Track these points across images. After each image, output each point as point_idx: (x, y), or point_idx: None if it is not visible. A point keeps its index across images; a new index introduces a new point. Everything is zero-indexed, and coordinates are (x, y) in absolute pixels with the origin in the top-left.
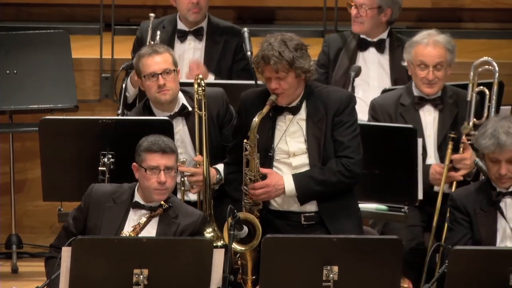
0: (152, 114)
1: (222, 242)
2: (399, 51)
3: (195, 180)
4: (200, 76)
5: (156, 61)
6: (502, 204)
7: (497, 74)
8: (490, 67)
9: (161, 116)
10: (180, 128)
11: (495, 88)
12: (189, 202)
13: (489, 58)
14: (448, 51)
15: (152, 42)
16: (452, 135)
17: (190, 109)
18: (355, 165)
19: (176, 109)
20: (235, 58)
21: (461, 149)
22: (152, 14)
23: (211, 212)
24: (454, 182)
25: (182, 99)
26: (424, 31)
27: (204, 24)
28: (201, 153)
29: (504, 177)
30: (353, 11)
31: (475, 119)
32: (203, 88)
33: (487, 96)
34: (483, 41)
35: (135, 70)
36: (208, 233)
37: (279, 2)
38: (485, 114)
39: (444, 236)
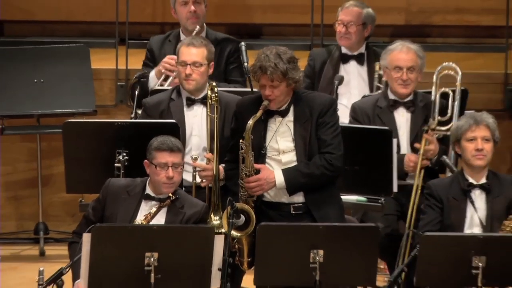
0: (179, 94)
1: (222, 229)
2: (375, 62)
3: (205, 175)
4: (214, 83)
5: (190, 52)
6: (472, 194)
7: (459, 76)
8: (452, 72)
9: (186, 96)
10: (199, 113)
11: (458, 89)
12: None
13: (451, 63)
14: (418, 57)
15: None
16: (424, 128)
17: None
18: (336, 160)
19: (200, 96)
20: (228, 61)
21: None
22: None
23: (219, 203)
24: (422, 171)
25: (208, 90)
26: (397, 42)
27: (202, 35)
28: (211, 151)
29: (480, 153)
30: (342, 29)
31: (439, 117)
32: (216, 94)
33: (451, 96)
34: (450, 54)
35: (177, 48)
36: (216, 220)
37: (271, 19)
38: (449, 113)
39: (413, 223)
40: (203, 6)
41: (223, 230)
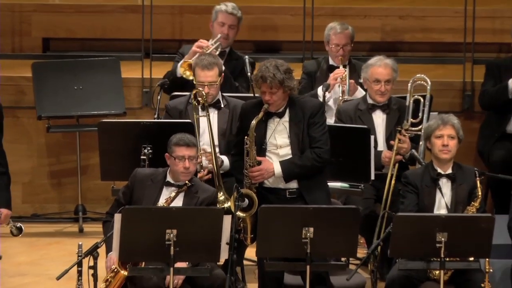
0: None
1: (229, 203)
2: (356, 73)
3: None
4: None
5: (206, 75)
6: (440, 182)
7: (429, 86)
8: (423, 81)
9: (200, 102)
10: (211, 115)
11: (428, 95)
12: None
13: (423, 75)
14: (394, 71)
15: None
16: (398, 129)
17: (222, 105)
18: (324, 153)
19: (212, 102)
20: (240, 73)
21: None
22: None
23: (220, 184)
24: (397, 164)
25: (219, 96)
26: (376, 56)
27: (226, 50)
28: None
29: (446, 148)
30: (340, 51)
31: (412, 119)
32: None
33: (422, 102)
34: (418, 66)
35: (193, 70)
36: (220, 196)
37: (270, 37)
38: (420, 115)
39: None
40: (236, 31)
41: (227, 204)
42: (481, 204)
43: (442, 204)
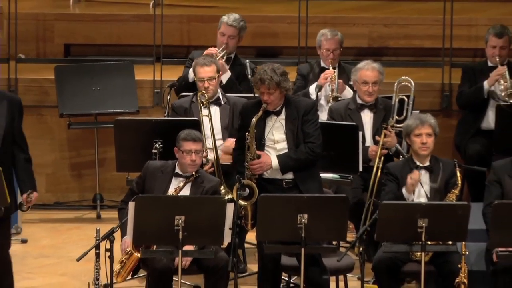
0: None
1: (230, 195)
2: (345, 75)
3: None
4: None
5: (205, 70)
6: (421, 173)
7: (413, 87)
8: (408, 83)
9: (204, 99)
10: (212, 112)
11: (412, 95)
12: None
13: (407, 77)
14: (380, 73)
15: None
16: (384, 126)
17: (222, 102)
18: (317, 148)
19: (213, 99)
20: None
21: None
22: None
23: (221, 177)
24: (382, 157)
25: (219, 93)
26: (364, 61)
27: (232, 56)
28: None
29: (424, 146)
30: (330, 55)
31: (397, 117)
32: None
33: (406, 101)
34: (401, 69)
35: (193, 70)
36: (222, 189)
37: (268, 43)
38: (404, 113)
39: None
40: (236, 40)
41: (228, 197)
42: (460, 196)
43: (421, 193)
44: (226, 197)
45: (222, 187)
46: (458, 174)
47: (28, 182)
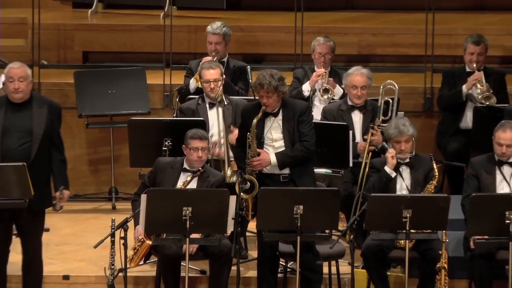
0: (203, 100)
1: (235, 177)
2: (336, 78)
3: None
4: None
5: (210, 73)
6: (400, 169)
7: (397, 90)
8: (392, 86)
9: (209, 100)
10: (214, 111)
11: (396, 98)
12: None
13: (391, 81)
14: (369, 78)
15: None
16: (371, 125)
17: (225, 103)
18: (311, 146)
19: (217, 100)
20: (238, 77)
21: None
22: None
23: (229, 161)
24: (370, 153)
25: (222, 95)
26: (354, 67)
27: (225, 60)
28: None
29: (403, 152)
30: (322, 59)
31: (383, 117)
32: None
33: (391, 103)
34: (388, 74)
35: (199, 74)
36: (228, 171)
37: (269, 51)
38: (389, 114)
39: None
40: (224, 45)
41: (234, 178)
42: (439, 186)
43: (403, 186)
44: (233, 179)
45: (229, 169)
46: (435, 166)
47: (61, 180)
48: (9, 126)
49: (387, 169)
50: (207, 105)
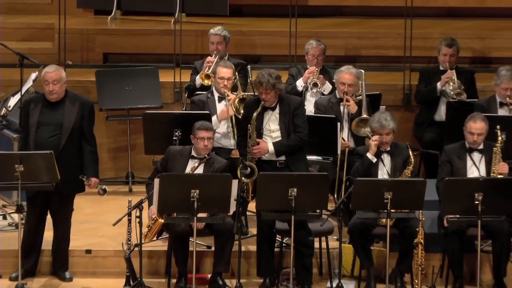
0: (213, 94)
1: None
2: (327, 75)
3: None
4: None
5: (226, 71)
6: (382, 156)
7: (363, 75)
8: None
9: (217, 95)
10: (223, 103)
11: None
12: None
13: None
14: (356, 77)
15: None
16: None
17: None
18: (304, 136)
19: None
20: (238, 74)
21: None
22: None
23: (234, 131)
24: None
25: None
26: (345, 66)
27: (225, 58)
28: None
29: (384, 143)
30: (315, 60)
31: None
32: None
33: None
34: (371, 72)
35: (212, 71)
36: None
37: (266, 52)
38: (360, 91)
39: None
40: (224, 45)
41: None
42: (415, 171)
43: (384, 171)
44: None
45: (233, 140)
46: (410, 153)
47: (90, 169)
48: (43, 120)
49: (368, 155)
50: (216, 99)
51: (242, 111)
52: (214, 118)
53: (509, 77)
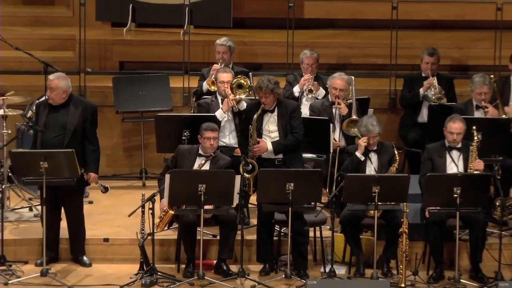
0: (216, 97)
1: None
2: (320, 81)
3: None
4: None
5: (224, 76)
6: (370, 155)
7: (353, 82)
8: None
9: (220, 97)
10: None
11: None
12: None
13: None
14: (347, 83)
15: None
16: (338, 101)
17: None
18: (300, 136)
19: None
20: None
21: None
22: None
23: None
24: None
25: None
26: (338, 72)
27: (230, 66)
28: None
29: (371, 145)
30: (309, 68)
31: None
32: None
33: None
34: (360, 79)
35: (214, 77)
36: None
37: (265, 60)
38: (351, 96)
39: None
40: (229, 54)
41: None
42: (400, 168)
43: (371, 169)
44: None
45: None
46: (396, 152)
47: (91, 166)
48: (49, 122)
49: (357, 153)
50: (220, 101)
51: (240, 97)
52: (218, 112)
53: (482, 83)
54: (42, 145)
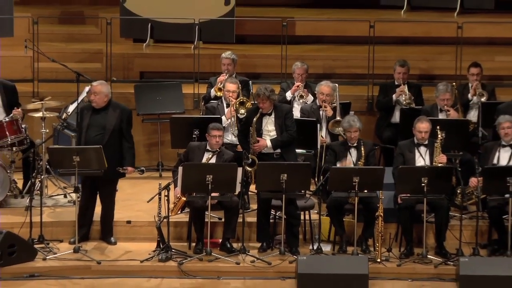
0: (222, 102)
1: (245, 108)
2: (309, 89)
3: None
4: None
5: (231, 86)
6: (350, 150)
7: (337, 90)
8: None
9: (226, 102)
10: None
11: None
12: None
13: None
14: (332, 90)
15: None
16: (323, 101)
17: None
18: (294, 133)
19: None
20: (243, 89)
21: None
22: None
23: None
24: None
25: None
26: (325, 81)
27: (233, 76)
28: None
29: (352, 139)
30: (299, 78)
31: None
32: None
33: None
34: (343, 86)
35: (222, 85)
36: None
37: (263, 70)
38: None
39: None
40: (233, 66)
41: (243, 110)
42: (376, 161)
43: (352, 162)
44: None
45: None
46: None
47: (127, 160)
48: (92, 122)
49: (338, 164)
50: (224, 105)
51: (241, 111)
52: (223, 117)
53: (445, 90)
54: (86, 142)
